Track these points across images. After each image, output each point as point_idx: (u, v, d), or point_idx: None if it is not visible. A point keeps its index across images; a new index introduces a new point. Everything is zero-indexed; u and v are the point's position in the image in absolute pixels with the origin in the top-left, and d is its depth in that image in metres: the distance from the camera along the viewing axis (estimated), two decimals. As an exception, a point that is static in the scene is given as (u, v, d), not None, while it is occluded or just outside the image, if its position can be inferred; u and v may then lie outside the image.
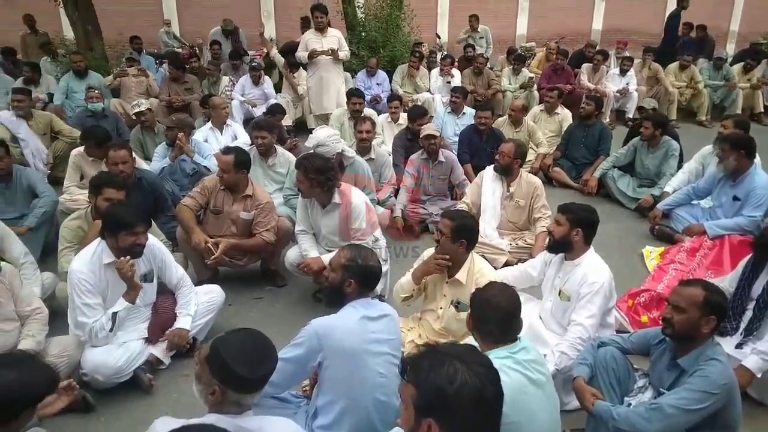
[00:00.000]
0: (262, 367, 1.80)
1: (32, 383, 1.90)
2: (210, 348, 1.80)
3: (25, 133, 5.77)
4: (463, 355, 1.43)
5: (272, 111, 6.27)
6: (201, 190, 3.80)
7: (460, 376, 1.35)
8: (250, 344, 1.82)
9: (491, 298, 2.17)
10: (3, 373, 1.87)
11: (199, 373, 1.83)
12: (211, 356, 1.77)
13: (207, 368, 1.78)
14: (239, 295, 3.90)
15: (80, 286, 2.82)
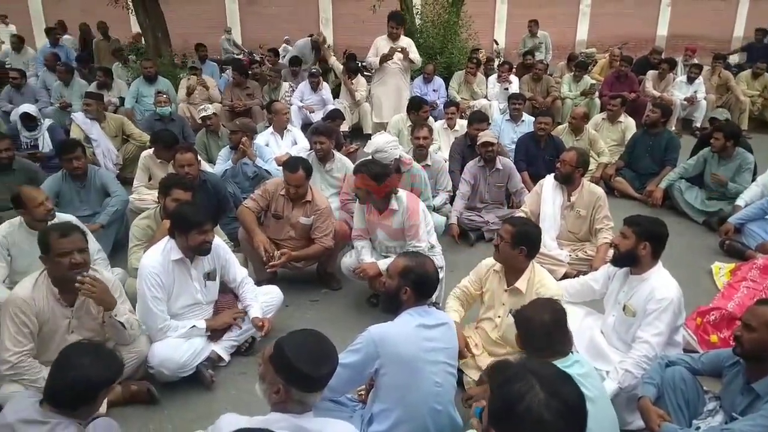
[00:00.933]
0: (324, 366, 1.83)
1: (103, 369, 2.03)
2: (274, 347, 1.84)
3: (98, 135, 6.09)
4: (547, 382, 1.33)
5: (331, 116, 6.37)
6: (262, 193, 3.90)
7: (530, 400, 1.29)
8: (313, 344, 1.86)
9: (533, 313, 2.17)
10: (79, 360, 2.01)
11: (263, 372, 1.87)
12: (276, 355, 1.82)
13: (271, 367, 1.82)
14: (296, 297, 3.96)
15: (150, 279, 2.95)
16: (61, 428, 1.95)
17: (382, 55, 6.49)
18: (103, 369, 2.04)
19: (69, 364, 2.01)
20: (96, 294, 2.70)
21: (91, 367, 2.00)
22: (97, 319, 2.86)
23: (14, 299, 2.66)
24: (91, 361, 2.02)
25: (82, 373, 1.99)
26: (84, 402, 2.03)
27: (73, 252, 2.64)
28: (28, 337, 2.64)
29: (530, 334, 2.15)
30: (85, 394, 2.01)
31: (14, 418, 1.93)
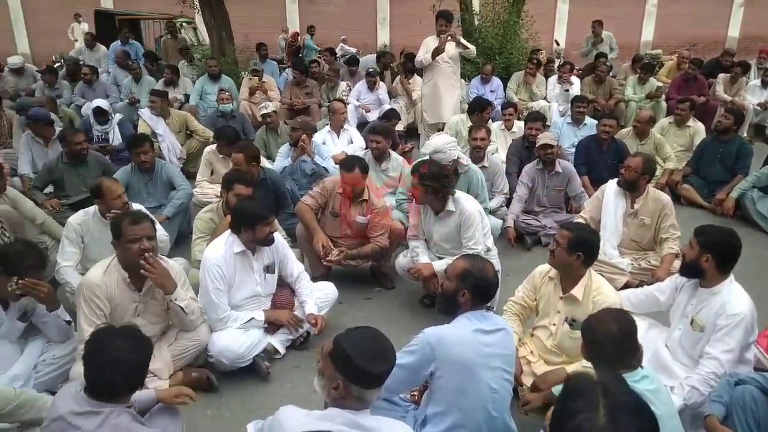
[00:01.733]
0: (383, 364, 1.84)
1: (132, 353, 1.98)
2: (333, 344, 1.86)
3: (163, 130, 6.35)
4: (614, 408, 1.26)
5: (387, 116, 6.40)
6: (321, 191, 3.96)
7: (584, 421, 1.25)
8: (372, 342, 1.87)
9: (602, 322, 2.09)
10: (108, 348, 1.95)
11: (322, 368, 1.89)
12: (335, 352, 1.83)
13: (330, 364, 1.84)
14: (350, 294, 4.00)
15: (213, 271, 3.06)
16: (114, 416, 1.93)
17: (433, 50, 6.41)
18: (132, 352, 1.97)
19: (99, 353, 1.95)
20: (156, 275, 2.81)
21: (121, 353, 1.94)
22: (162, 305, 2.98)
23: (87, 283, 2.82)
24: (120, 347, 1.96)
25: (114, 360, 1.93)
26: (123, 388, 1.99)
27: (143, 239, 2.77)
28: (101, 319, 2.78)
29: (597, 345, 2.08)
30: (120, 380, 1.96)
31: (66, 411, 1.93)
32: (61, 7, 16.09)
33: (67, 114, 7.17)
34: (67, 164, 4.81)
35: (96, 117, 6.33)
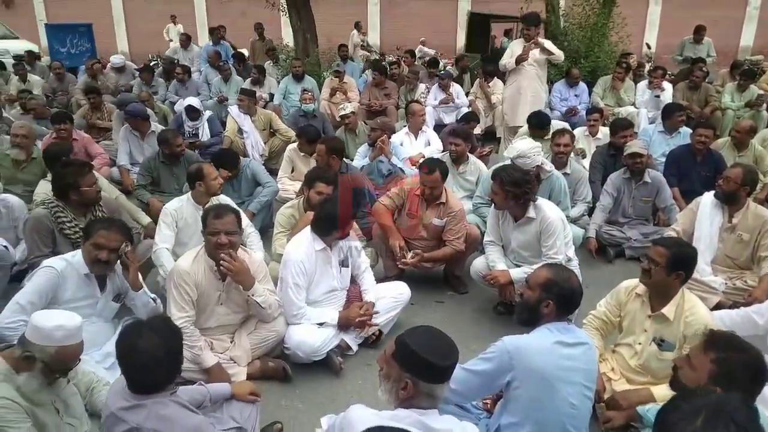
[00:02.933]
0: (449, 357, 1.83)
1: (161, 343, 1.95)
2: (396, 345, 1.85)
3: (249, 128, 6.61)
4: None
5: (466, 118, 6.34)
6: (399, 192, 3.98)
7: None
8: (433, 336, 1.87)
9: (733, 351, 1.89)
10: (146, 342, 1.94)
11: (386, 372, 1.87)
12: (399, 350, 1.83)
13: (395, 364, 1.83)
14: (422, 296, 3.99)
15: (295, 267, 3.15)
16: (160, 407, 1.94)
17: (516, 57, 6.29)
18: (160, 345, 1.94)
19: (129, 351, 1.94)
20: (234, 272, 2.92)
21: (149, 348, 1.92)
22: (244, 296, 3.09)
23: (177, 270, 2.98)
24: (148, 342, 1.93)
25: (144, 356, 1.91)
26: (160, 379, 1.97)
27: (221, 233, 2.89)
28: (189, 305, 2.93)
29: (732, 373, 1.86)
30: (154, 374, 1.95)
31: (115, 407, 1.97)
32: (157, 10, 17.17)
33: (161, 110, 7.62)
34: (163, 163, 5.10)
35: (188, 114, 6.68)
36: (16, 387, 2.03)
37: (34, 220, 3.48)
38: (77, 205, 3.55)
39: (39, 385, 2.07)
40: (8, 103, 7.98)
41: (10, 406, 1.98)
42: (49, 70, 9.74)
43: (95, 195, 3.62)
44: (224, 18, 14.96)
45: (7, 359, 2.07)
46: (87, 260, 2.86)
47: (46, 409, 2.12)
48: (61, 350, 2.06)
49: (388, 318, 3.48)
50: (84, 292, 2.89)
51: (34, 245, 3.44)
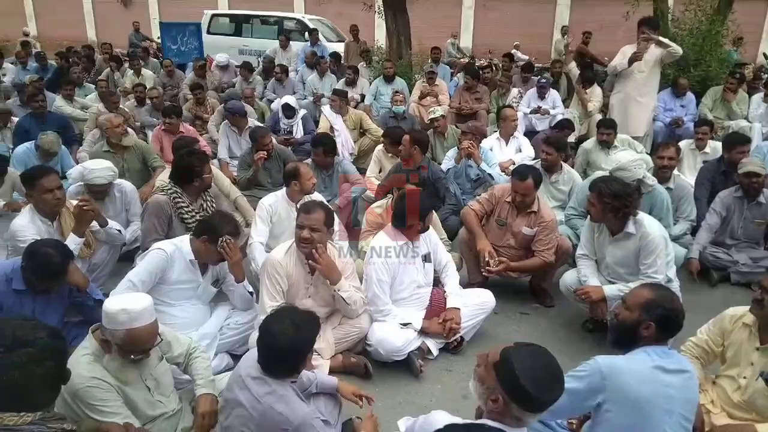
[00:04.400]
0: (552, 392, 1.74)
1: (299, 334, 2.09)
2: (500, 355, 1.80)
3: (340, 127, 6.76)
4: None
5: (561, 126, 6.13)
6: (489, 198, 3.92)
7: None
8: (542, 364, 1.77)
9: None
10: (277, 329, 2.08)
11: (482, 375, 1.83)
12: (501, 365, 1.77)
13: (493, 374, 1.78)
14: (506, 306, 3.91)
15: (380, 264, 3.20)
16: (280, 389, 2.08)
17: (631, 56, 5.91)
18: (295, 339, 2.07)
19: (268, 336, 2.08)
20: (321, 266, 3.01)
21: (295, 336, 2.06)
22: (330, 290, 3.18)
23: (271, 260, 3.11)
24: (287, 328, 2.06)
25: (282, 340, 2.05)
26: (289, 367, 2.13)
27: (305, 228, 2.99)
28: (280, 294, 3.05)
29: None
30: (285, 359, 2.09)
31: (245, 372, 2.13)
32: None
33: (260, 107, 7.97)
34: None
35: (284, 111, 6.95)
36: (104, 366, 2.18)
37: (155, 204, 3.68)
38: (193, 191, 3.81)
39: (121, 365, 2.18)
40: (123, 96, 8.66)
41: (100, 384, 2.12)
42: (160, 66, 10.48)
43: (210, 182, 3.90)
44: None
45: (98, 339, 2.22)
46: (199, 257, 3.07)
47: (136, 386, 2.25)
48: (129, 333, 2.12)
49: (471, 325, 3.44)
50: (187, 276, 3.08)
51: (151, 228, 3.64)
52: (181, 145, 4.77)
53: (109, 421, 2.07)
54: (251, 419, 2.07)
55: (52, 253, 2.70)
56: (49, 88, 7.84)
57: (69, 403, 2.09)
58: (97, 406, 2.09)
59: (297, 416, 2.06)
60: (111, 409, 2.11)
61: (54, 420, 1.65)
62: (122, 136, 5.04)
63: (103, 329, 2.19)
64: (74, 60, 10.37)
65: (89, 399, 2.08)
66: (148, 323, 2.18)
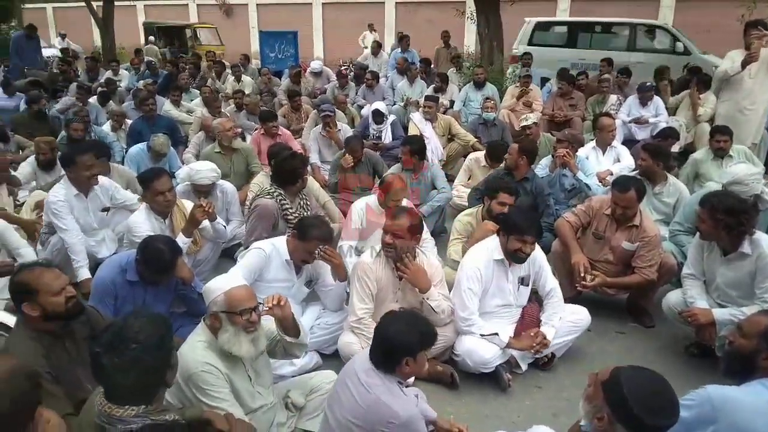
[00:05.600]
0: (663, 419, 1.66)
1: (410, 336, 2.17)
2: (610, 375, 1.76)
3: (430, 133, 6.75)
4: None
5: (663, 134, 5.77)
6: (586, 209, 3.76)
7: None
8: (655, 390, 1.70)
9: None
10: (393, 326, 2.20)
11: (591, 394, 1.81)
12: (610, 384, 1.73)
13: (602, 393, 1.74)
14: (600, 324, 3.72)
15: (470, 272, 3.15)
16: (390, 384, 2.17)
17: (744, 58, 5.49)
18: (411, 335, 2.17)
19: (385, 331, 2.20)
20: (410, 274, 3.02)
21: (403, 333, 2.16)
22: (419, 297, 3.18)
23: (362, 264, 3.17)
24: (402, 327, 2.18)
25: (395, 338, 2.15)
26: (393, 364, 2.18)
27: (389, 233, 3.04)
28: (369, 298, 3.10)
29: None
30: (392, 356, 2.17)
31: (358, 367, 2.24)
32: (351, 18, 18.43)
33: (350, 113, 8.15)
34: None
35: (373, 117, 7.05)
36: (218, 353, 2.30)
37: (264, 208, 3.87)
38: (292, 192, 3.98)
39: (234, 334, 2.28)
40: (224, 101, 9.17)
41: (212, 371, 2.25)
42: (258, 73, 11.00)
43: (306, 184, 4.06)
44: (411, 25, 15.57)
45: (209, 328, 2.35)
46: (295, 258, 3.20)
47: (241, 376, 2.37)
48: (227, 294, 2.29)
49: (564, 342, 3.31)
50: (283, 275, 3.21)
51: (257, 229, 3.84)
52: (276, 151, 4.95)
53: (216, 406, 2.19)
54: (358, 410, 2.14)
55: (163, 249, 2.90)
56: (160, 93, 8.45)
57: (182, 386, 2.24)
58: (208, 390, 2.22)
59: (406, 411, 2.11)
60: (220, 395, 2.23)
61: (157, 412, 1.76)
62: (232, 139, 5.35)
63: (208, 309, 2.34)
64: (182, 66, 11.12)
65: (201, 383, 2.21)
66: (241, 284, 2.37)
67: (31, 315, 2.22)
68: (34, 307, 2.21)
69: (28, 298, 2.21)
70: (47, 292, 2.22)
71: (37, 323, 2.25)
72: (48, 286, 2.23)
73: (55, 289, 2.24)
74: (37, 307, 2.21)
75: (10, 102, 8.86)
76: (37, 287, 2.22)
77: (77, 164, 3.89)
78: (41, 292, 2.21)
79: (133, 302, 3.02)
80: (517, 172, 4.42)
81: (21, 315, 2.28)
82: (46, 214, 3.95)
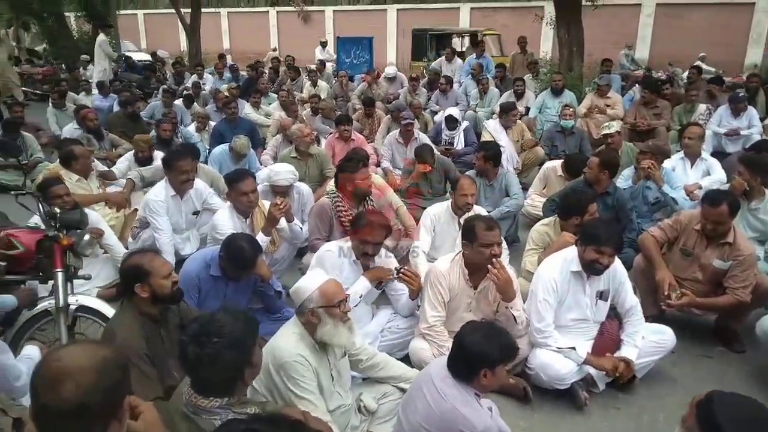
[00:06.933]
0: None
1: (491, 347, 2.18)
2: (704, 397, 1.67)
3: (505, 141, 6.61)
4: None
5: (759, 147, 5.39)
6: (673, 224, 3.57)
7: None
8: (750, 415, 1.59)
9: None
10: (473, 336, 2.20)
11: (686, 415, 1.72)
12: (703, 407, 1.64)
13: (695, 420, 1.65)
14: (684, 345, 3.50)
15: (546, 284, 3.06)
16: (468, 395, 2.15)
17: None
18: (491, 346, 2.16)
19: (465, 340, 2.20)
20: (500, 282, 2.96)
21: (483, 344, 2.15)
22: (492, 306, 3.13)
23: (435, 270, 3.15)
24: (482, 338, 2.18)
25: (474, 348, 2.15)
26: (471, 374, 2.19)
27: (494, 245, 2.96)
28: (441, 305, 3.08)
29: None
30: (470, 366, 2.18)
31: (434, 373, 2.23)
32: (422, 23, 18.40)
33: (423, 118, 8.15)
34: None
35: (447, 123, 7.02)
36: (309, 347, 2.37)
37: (319, 207, 4.04)
38: (351, 196, 4.01)
39: (334, 326, 2.37)
40: (301, 105, 9.42)
41: (304, 362, 2.32)
42: (333, 77, 11.23)
43: (367, 188, 4.06)
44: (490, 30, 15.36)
45: (305, 325, 2.43)
46: (356, 253, 3.23)
47: (326, 374, 2.43)
48: (321, 290, 2.40)
49: (645, 363, 3.15)
50: (353, 275, 3.25)
51: (315, 228, 3.98)
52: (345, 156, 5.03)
53: (303, 397, 2.27)
54: (432, 416, 2.14)
55: (245, 247, 3.01)
56: (241, 97, 8.80)
57: (273, 374, 2.33)
58: (298, 380, 2.30)
59: (482, 423, 2.10)
60: (308, 387, 2.30)
61: (239, 404, 1.82)
62: (310, 145, 5.49)
63: (302, 309, 2.42)
64: (261, 70, 11.54)
65: (293, 372, 2.30)
66: (329, 279, 2.49)
67: (141, 296, 2.39)
68: (144, 288, 2.39)
69: (140, 279, 2.38)
70: (158, 274, 2.40)
71: (144, 305, 2.42)
72: (159, 269, 2.42)
73: (164, 273, 2.42)
74: (147, 289, 2.39)
75: (105, 102, 9.53)
76: (150, 269, 2.40)
77: (175, 168, 4.11)
78: (153, 274, 2.40)
79: (215, 296, 3.15)
80: (598, 186, 4.24)
81: (128, 298, 2.45)
82: (143, 210, 4.21)
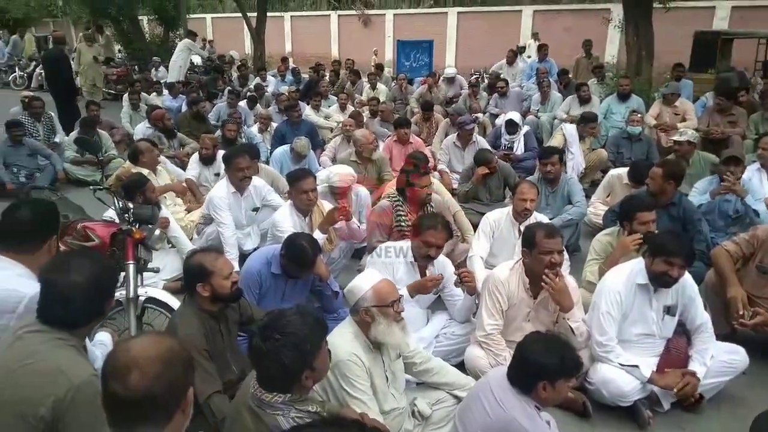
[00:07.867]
0: None
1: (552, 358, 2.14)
2: (753, 421, 1.62)
3: (576, 148, 6.42)
4: None
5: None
6: (750, 239, 3.37)
7: None
8: None
9: None
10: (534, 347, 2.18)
11: None
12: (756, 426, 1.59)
13: None
14: (757, 366, 3.26)
15: (610, 296, 2.95)
16: (529, 407, 2.14)
17: None
18: (552, 359, 2.12)
19: (526, 350, 2.18)
20: (555, 292, 2.89)
21: (543, 356, 2.12)
22: (552, 317, 3.06)
23: (493, 277, 3.10)
24: (543, 349, 2.14)
25: (533, 358, 2.13)
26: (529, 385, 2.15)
27: (554, 252, 2.89)
28: (499, 313, 3.03)
29: None
30: (529, 377, 2.15)
31: (493, 381, 2.23)
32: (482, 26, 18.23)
33: (482, 122, 8.06)
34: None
35: (506, 127, 6.90)
36: (363, 347, 2.39)
37: (378, 209, 4.08)
38: (412, 202, 4.02)
39: (387, 327, 2.39)
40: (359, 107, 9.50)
41: (358, 362, 2.34)
42: (391, 80, 11.27)
43: (425, 195, 4.05)
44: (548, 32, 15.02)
45: (359, 324, 2.46)
46: (416, 254, 3.22)
47: (380, 374, 2.44)
48: (375, 290, 2.42)
49: (715, 383, 2.99)
50: (409, 277, 3.26)
51: (375, 230, 4.02)
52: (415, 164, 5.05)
53: (356, 397, 2.29)
54: (491, 426, 2.13)
55: (306, 247, 3.07)
56: (301, 99, 8.97)
57: (327, 372, 2.34)
58: (352, 380, 2.32)
59: None
60: (361, 387, 2.32)
61: (300, 402, 1.85)
62: (373, 152, 5.54)
63: (356, 308, 2.45)
64: (323, 73, 11.72)
65: (347, 371, 2.32)
66: (383, 279, 2.52)
67: (202, 294, 2.47)
68: (206, 287, 2.47)
69: (202, 278, 2.46)
70: (219, 275, 2.48)
71: (204, 303, 2.50)
72: (221, 269, 2.49)
73: (225, 273, 2.49)
74: (208, 288, 2.46)
75: (174, 103, 9.95)
76: (213, 269, 2.47)
77: (233, 165, 4.26)
78: (215, 274, 2.47)
79: (274, 293, 3.23)
80: (663, 197, 4.04)
81: (190, 295, 2.54)
82: (207, 206, 4.37)
